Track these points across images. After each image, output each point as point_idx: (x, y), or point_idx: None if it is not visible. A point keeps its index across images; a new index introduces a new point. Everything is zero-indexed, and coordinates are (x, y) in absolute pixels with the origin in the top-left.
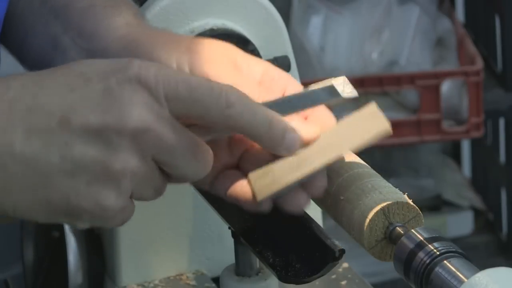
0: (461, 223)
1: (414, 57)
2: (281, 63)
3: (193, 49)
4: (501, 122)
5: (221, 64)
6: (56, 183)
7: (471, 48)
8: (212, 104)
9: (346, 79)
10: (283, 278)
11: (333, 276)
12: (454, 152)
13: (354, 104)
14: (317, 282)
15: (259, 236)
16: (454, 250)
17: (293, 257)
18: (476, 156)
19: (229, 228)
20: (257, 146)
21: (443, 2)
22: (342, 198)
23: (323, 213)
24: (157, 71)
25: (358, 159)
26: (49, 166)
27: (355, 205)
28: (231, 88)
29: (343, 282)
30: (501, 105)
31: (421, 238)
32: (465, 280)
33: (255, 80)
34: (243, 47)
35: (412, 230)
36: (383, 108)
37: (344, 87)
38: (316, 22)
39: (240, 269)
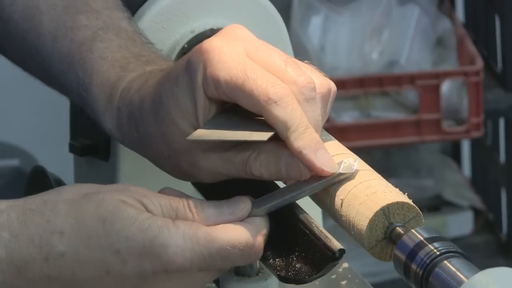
0: (461, 223)
1: (414, 57)
2: None
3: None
4: (501, 122)
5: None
6: None
7: (471, 48)
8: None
9: (357, 161)
10: (283, 278)
11: (333, 276)
12: (454, 152)
13: (355, 103)
14: (317, 282)
15: None
16: (454, 250)
17: (293, 257)
18: (476, 156)
19: None
20: None
21: (443, 2)
22: (342, 198)
23: (323, 213)
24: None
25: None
26: None
27: (355, 205)
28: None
29: (343, 282)
30: (501, 105)
31: (421, 238)
32: (465, 280)
33: None
34: None
35: (412, 230)
36: (383, 108)
37: (348, 166)
38: (316, 22)
39: (240, 269)
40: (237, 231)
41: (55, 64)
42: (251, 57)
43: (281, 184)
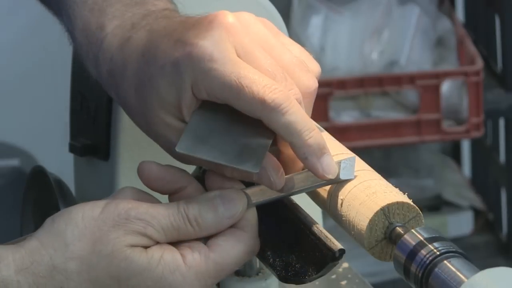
0: (461, 223)
1: (414, 57)
2: None
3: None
4: (501, 122)
5: None
6: None
7: (471, 48)
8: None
9: (355, 160)
10: (283, 278)
11: (333, 276)
12: (454, 152)
13: (354, 103)
14: (317, 282)
15: (259, 236)
16: (454, 250)
17: (293, 257)
18: (476, 156)
19: None
20: None
21: (443, 2)
22: (342, 198)
23: (323, 213)
24: None
25: (358, 159)
26: None
27: (355, 205)
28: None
29: (343, 282)
30: (501, 105)
31: (421, 238)
32: (465, 280)
33: None
34: None
35: (412, 230)
36: (383, 108)
37: (347, 170)
38: (316, 22)
39: (240, 269)
40: (241, 247)
41: (53, 7)
42: (242, 58)
43: None
